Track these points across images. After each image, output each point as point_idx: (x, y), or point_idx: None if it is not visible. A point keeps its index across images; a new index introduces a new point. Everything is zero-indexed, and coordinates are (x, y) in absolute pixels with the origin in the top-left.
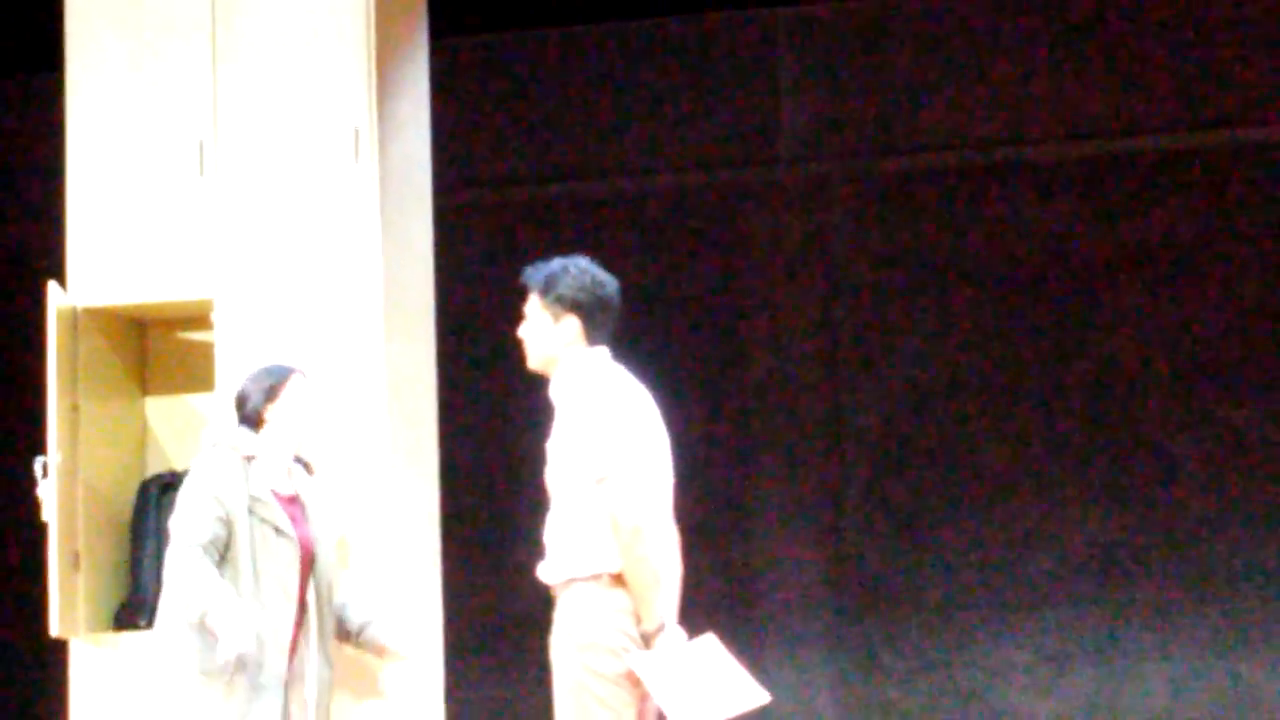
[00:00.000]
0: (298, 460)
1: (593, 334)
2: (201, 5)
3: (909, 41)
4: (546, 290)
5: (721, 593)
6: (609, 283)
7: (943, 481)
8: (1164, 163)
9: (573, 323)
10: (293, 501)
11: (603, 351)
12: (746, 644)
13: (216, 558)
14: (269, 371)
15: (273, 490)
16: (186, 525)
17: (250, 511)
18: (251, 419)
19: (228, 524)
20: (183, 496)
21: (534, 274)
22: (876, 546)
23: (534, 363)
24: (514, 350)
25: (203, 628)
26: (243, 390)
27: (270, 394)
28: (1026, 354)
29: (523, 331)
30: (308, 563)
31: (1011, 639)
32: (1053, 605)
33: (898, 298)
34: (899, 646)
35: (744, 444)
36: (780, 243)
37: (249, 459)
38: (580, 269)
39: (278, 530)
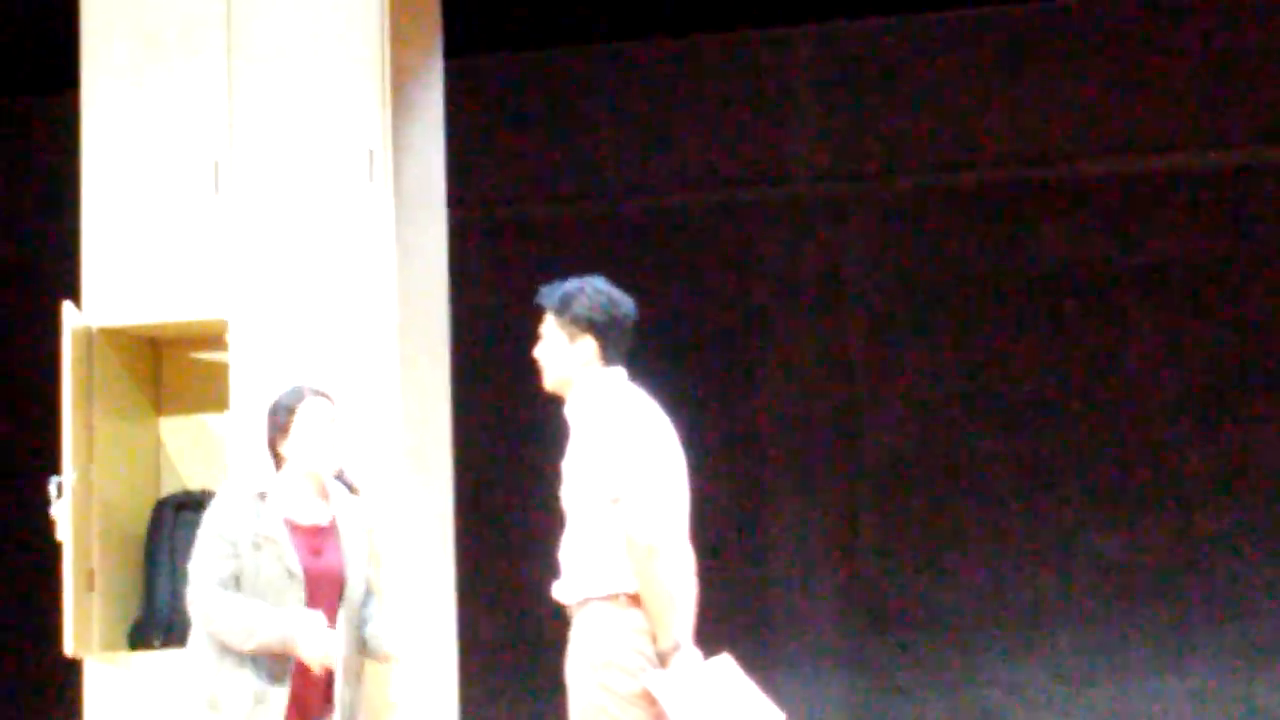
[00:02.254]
0: (340, 479)
1: (609, 354)
2: (216, 25)
3: (922, 62)
4: (562, 310)
5: (736, 613)
6: (625, 303)
7: (956, 501)
8: (1176, 182)
9: (589, 343)
10: (317, 533)
11: (619, 372)
12: (761, 663)
13: (234, 590)
14: (279, 403)
15: (291, 521)
16: (200, 565)
17: (256, 549)
18: (272, 453)
19: (238, 560)
20: (199, 535)
21: (550, 294)
22: (891, 566)
23: (550, 383)
24: (529, 369)
25: (229, 652)
26: (267, 414)
27: (281, 429)
28: (1040, 374)
29: (538, 352)
30: (336, 593)
31: (1027, 658)
32: (1067, 624)
33: (911, 317)
34: (914, 666)
35: (758, 464)
36: (794, 262)
37: (262, 495)
38: (596, 289)
39: (288, 571)
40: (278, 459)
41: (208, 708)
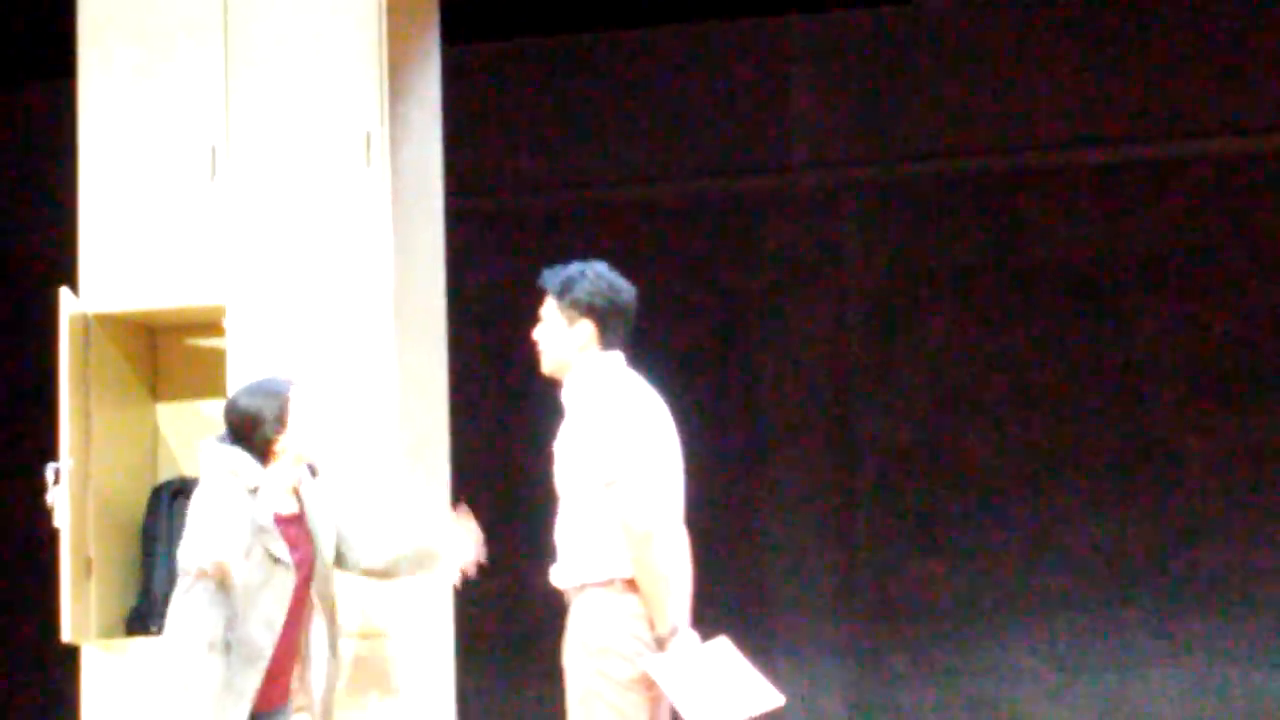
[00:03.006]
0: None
1: (607, 338)
2: (213, 11)
3: (920, 50)
4: (563, 294)
5: (733, 599)
6: (625, 288)
7: (953, 488)
8: (1174, 168)
9: (587, 327)
10: (294, 521)
11: (617, 356)
12: (758, 650)
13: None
14: (269, 395)
15: (275, 514)
16: (199, 543)
17: (255, 538)
18: (261, 449)
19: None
20: (195, 517)
21: (551, 277)
22: (888, 553)
23: (548, 366)
24: (526, 355)
25: (203, 637)
26: (246, 416)
27: (279, 424)
28: (1038, 362)
29: (538, 334)
30: (305, 583)
31: (1022, 645)
32: (1063, 612)
33: (909, 305)
34: (910, 653)
35: (755, 451)
36: (792, 250)
37: (254, 490)
38: (597, 274)
39: (275, 559)
40: (269, 455)
41: (180, 690)
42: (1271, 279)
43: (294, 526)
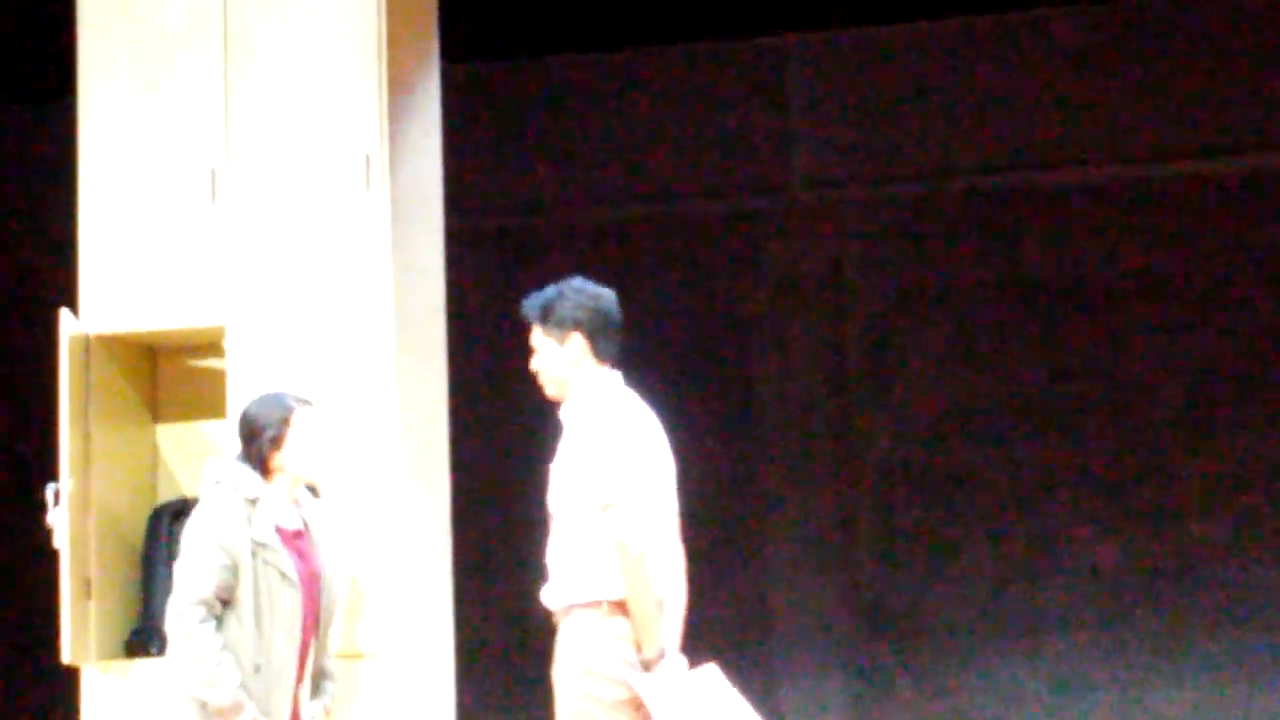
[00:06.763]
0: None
1: (599, 348)
2: (213, 32)
3: (921, 67)
4: (546, 317)
5: (734, 619)
6: (606, 294)
7: (954, 507)
8: (1174, 189)
9: (578, 340)
10: (299, 536)
11: (615, 375)
12: (758, 670)
13: (219, 609)
14: (268, 416)
15: (278, 527)
16: (191, 577)
17: (254, 556)
18: (259, 464)
19: (234, 570)
20: (188, 541)
21: (531, 306)
22: (889, 572)
23: (551, 390)
24: (525, 373)
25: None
26: (248, 426)
27: (275, 442)
28: (1037, 380)
29: (534, 365)
30: (314, 598)
31: (1024, 665)
32: (1065, 632)
33: (909, 323)
34: (912, 673)
35: (755, 470)
36: (792, 269)
37: (253, 501)
38: (575, 288)
39: (282, 575)
40: (268, 470)
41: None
42: (1271, 296)
43: (299, 541)
